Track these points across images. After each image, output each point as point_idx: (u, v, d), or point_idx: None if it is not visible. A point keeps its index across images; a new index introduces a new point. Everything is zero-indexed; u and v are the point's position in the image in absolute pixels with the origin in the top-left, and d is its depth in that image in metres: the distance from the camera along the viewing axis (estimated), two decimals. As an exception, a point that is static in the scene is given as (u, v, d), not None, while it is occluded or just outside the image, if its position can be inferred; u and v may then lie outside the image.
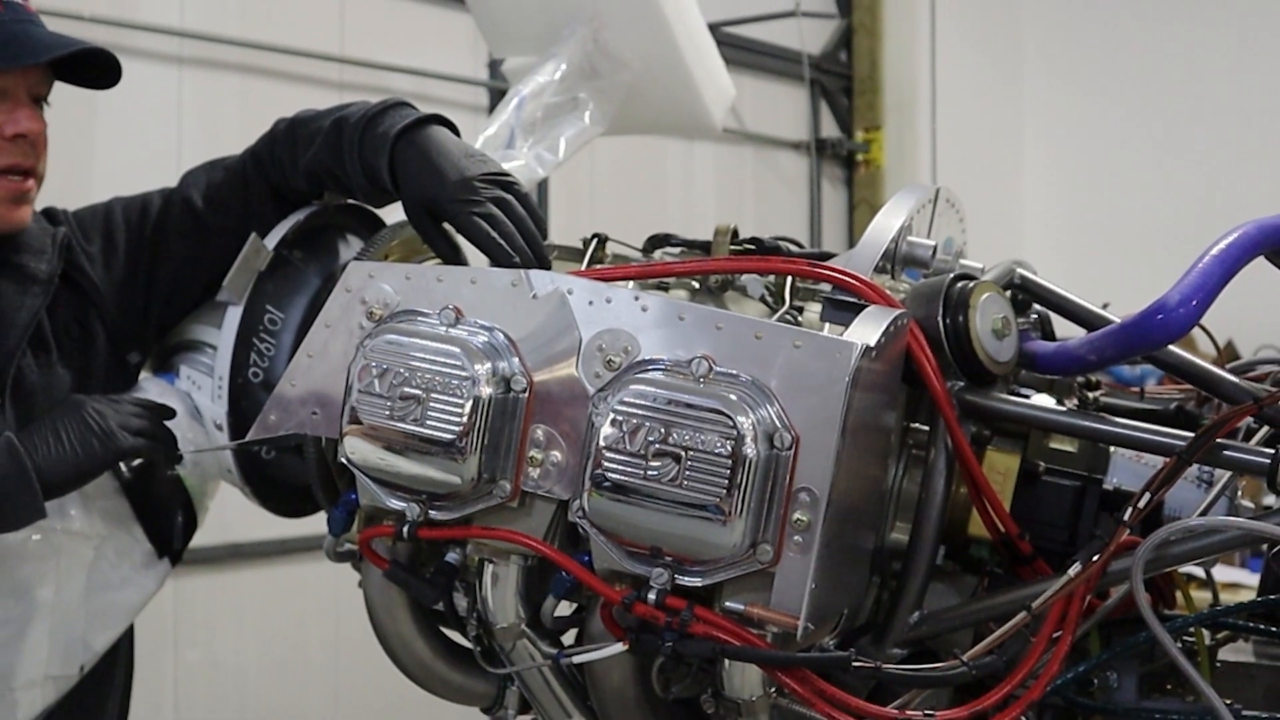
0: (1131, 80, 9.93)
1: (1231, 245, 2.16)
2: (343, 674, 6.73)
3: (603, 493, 2.02)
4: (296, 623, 6.62)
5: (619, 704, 2.25)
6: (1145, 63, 9.84)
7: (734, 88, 4.09)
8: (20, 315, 2.71)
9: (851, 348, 1.97)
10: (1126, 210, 9.76)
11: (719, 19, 8.03)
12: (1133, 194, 9.78)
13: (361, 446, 2.20)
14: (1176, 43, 9.70)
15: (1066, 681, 2.23)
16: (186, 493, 2.86)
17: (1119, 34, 10.02)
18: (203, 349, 2.89)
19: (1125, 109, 9.96)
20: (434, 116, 2.67)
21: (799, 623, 1.94)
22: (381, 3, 7.05)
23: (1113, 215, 9.85)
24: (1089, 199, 10.11)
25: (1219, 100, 9.46)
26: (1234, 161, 9.22)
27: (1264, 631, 2.46)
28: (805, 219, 9.68)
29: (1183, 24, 9.68)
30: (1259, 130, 9.21)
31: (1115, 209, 9.86)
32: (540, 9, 3.76)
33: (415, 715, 6.60)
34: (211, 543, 6.09)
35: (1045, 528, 2.34)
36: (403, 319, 2.23)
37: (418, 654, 2.44)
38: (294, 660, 6.65)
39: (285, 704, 6.65)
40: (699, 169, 8.95)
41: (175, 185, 2.96)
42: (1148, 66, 9.83)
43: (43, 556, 2.61)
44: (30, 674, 2.59)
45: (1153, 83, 9.81)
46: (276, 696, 6.61)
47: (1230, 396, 2.29)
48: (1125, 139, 9.93)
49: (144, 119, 6.12)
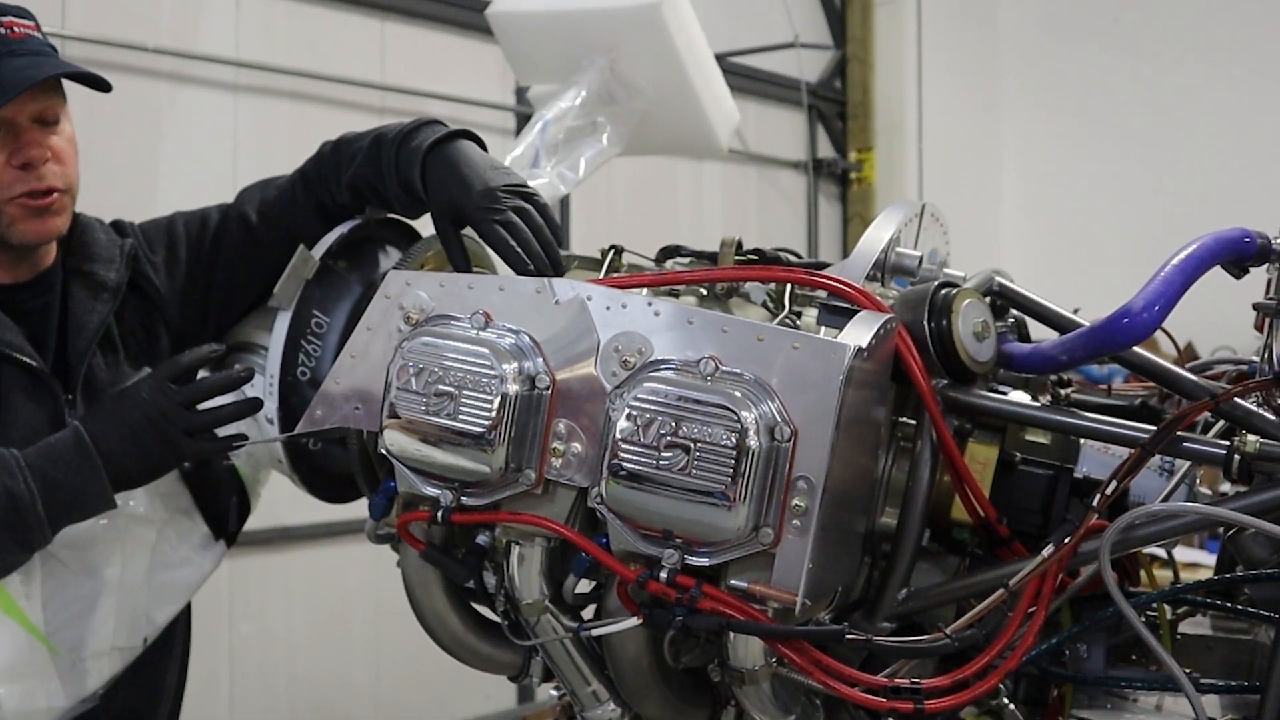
0: (1100, 106, 9.92)
1: (1190, 256, 2.16)
2: (383, 645, 6.74)
3: (619, 481, 2.02)
4: (340, 599, 6.62)
5: (634, 673, 2.24)
6: (1112, 91, 9.83)
7: (738, 112, 4.08)
8: (91, 319, 2.71)
9: (845, 349, 1.97)
10: (1095, 223, 9.75)
11: (725, 50, 8.02)
12: (1101, 209, 9.77)
13: (399, 439, 2.20)
14: (1140, 73, 9.69)
15: (1040, 652, 2.23)
16: (241, 481, 2.86)
17: (1089, 65, 10.01)
18: (255, 350, 2.89)
19: (1094, 132, 9.94)
20: (463, 132, 2.67)
21: (797, 599, 1.94)
22: (418, 35, 7.06)
23: (1083, 228, 9.84)
24: (1061, 213, 10.09)
25: (1178, 125, 9.45)
26: (1192, 180, 9.22)
27: (1220, 607, 2.46)
28: (803, 232, 9.67)
29: (1145, 57, 9.67)
30: (1215, 151, 9.20)
31: (1085, 222, 9.85)
32: (562, 41, 3.76)
33: (449, 683, 6.66)
34: (263, 526, 6.11)
35: (1021, 512, 2.33)
36: (437, 323, 2.23)
37: (451, 627, 2.43)
38: (338, 633, 6.66)
39: (330, 672, 6.66)
40: (706, 186, 8.94)
41: (232, 201, 2.96)
42: (1114, 94, 9.82)
43: (110, 539, 2.61)
44: (99, 645, 2.59)
45: (1119, 109, 9.79)
46: (322, 665, 6.62)
47: (1190, 393, 2.28)
48: (1094, 159, 9.92)
49: (203, 140, 6.14)
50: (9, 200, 2.57)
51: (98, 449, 2.48)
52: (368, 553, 2.87)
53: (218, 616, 6.15)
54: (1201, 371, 2.56)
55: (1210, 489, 2.55)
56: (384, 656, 6.77)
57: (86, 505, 2.50)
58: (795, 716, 2.25)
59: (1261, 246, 2.20)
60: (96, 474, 2.47)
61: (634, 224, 8.11)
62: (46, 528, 2.43)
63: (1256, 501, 2.08)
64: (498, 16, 3.96)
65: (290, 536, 6.38)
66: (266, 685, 6.40)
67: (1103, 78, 9.91)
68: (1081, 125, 10.03)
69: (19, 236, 2.61)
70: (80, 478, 2.46)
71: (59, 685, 2.54)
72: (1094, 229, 9.71)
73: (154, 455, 2.54)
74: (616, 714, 2.37)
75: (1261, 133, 9.01)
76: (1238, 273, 2.26)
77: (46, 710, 2.53)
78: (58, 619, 2.54)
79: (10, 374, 2.57)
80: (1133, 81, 9.73)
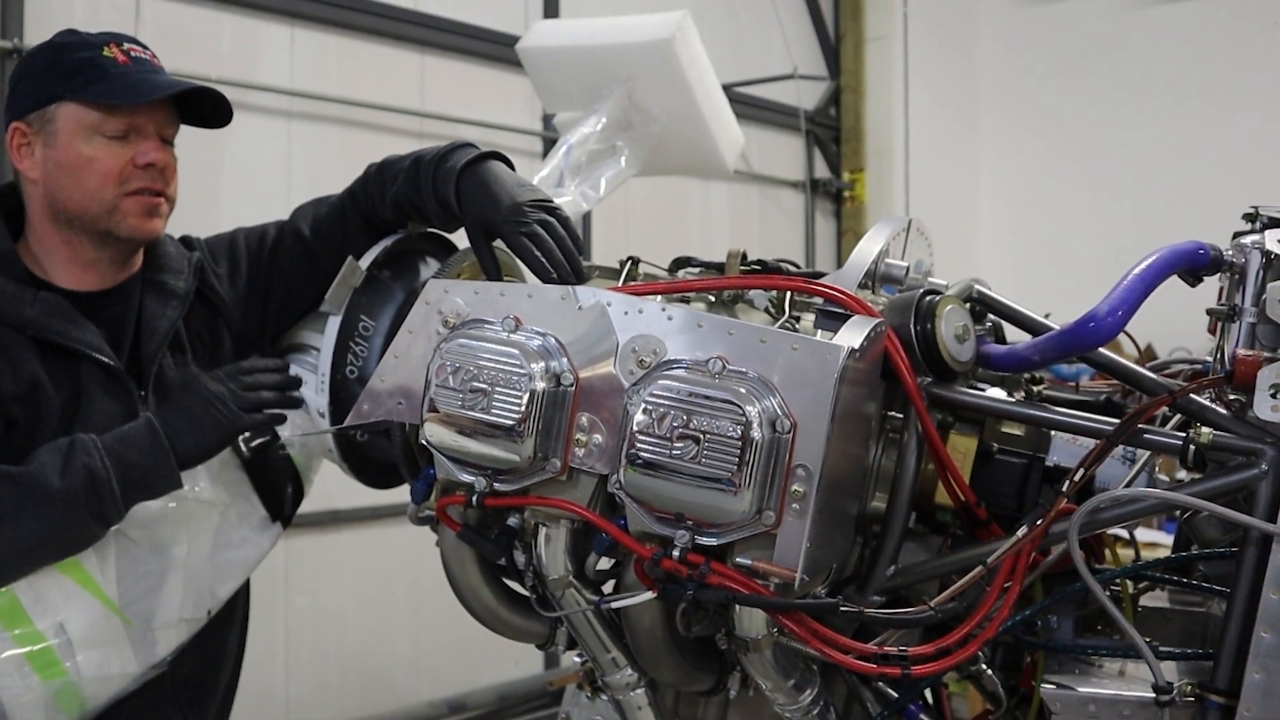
0: (1067, 132, 9.89)
1: (1150, 266, 2.16)
2: (423, 617, 6.73)
3: (636, 468, 2.02)
4: (385, 575, 6.62)
5: (649, 641, 2.25)
6: (1078, 118, 9.81)
7: (743, 137, 4.08)
8: (162, 324, 2.72)
9: (839, 350, 1.97)
10: (1063, 237, 9.72)
11: (731, 80, 8.00)
12: (1068, 223, 9.75)
13: (438, 430, 2.21)
14: (1104, 102, 9.67)
15: (1015, 623, 2.23)
16: (295, 468, 2.86)
17: (1057, 96, 9.99)
18: (308, 351, 2.90)
19: (1062, 155, 9.92)
20: (493, 153, 2.68)
21: (796, 575, 1.94)
22: (455, 67, 7.05)
23: (1052, 241, 9.81)
24: (1033, 228, 10.07)
25: (1137, 148, 9.42)
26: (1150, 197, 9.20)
27: (1177, 582, 2.46)
28: (801, 245, 9.64)
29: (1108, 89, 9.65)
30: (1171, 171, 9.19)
31: (1054, 236, 9.82)
32: (584, 73, 3.76)
33: (482, 650, 6.65)
34: (316, 509, 6.11)
35: (998, 497, 2.33)
36: (472, 326, 2.23)
37: (484, 600, 2.44)
38: (383, 605, 6.65)
39: (376, 641, 6.66)
40: (714, 204, 8.92)
41: (287, 218, 2.97)
42: (1080, 121, 9.80)
43: (177, 520, 2.62)
44: (167, 616, 2.60)
45: (1084, 134, 9.77)
46: (368, 635, 6.62)
47: (1150, 390, 2.29)
48: (1062, 179, 9.89)
49: (260, 162, 6.14)
50: (127, 194, 2.61)
51: (166, 435, 2.51)
52: (409, 533, 2.86)
53: (274, 591, 6.15)
54: (1160, 370, 2.56)
55: (1168, 476, 2.54)
56: (424, 627, 6.76)
57: (156, 484, 2.51)
58: (794, 681, 2.26)
59: (1214, 258, 2.21)
60: (165, 456, 2.49)
61: (649, 237, 8.09)
62: (120, 504, 2.45)
63: (1209, 487, 2.08)
64: (527, 51, 3.97)
65: (340, 519, 6.37)
66: (318, 653, 6.40)
67: (1069, 107, 9.91)
68: (1051, 149, 10.02)
69: (128, 230, 2.63)
70: (151, 459, 2.48)
71: (131, 653, 2.55)
72: (1063, 242, 9.69)
73: (212, 433, 2.56)
74: (634, 678, 2.38)
75: (1213, 155, 8.99)
76: (1193, 281, 2.27)
77: (120, 675, 2.53)
78: (130, 593, 2.55)
79: (91, 371, 2.58)
80: (1096, 110, 9.72)
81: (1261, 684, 1.96)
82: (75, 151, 2.58)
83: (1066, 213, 9.84)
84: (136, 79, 2.60)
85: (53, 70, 2.60)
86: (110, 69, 2.58)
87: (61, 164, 2.59)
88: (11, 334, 2.53)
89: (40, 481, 2.39)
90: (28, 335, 2.55)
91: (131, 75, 2.60)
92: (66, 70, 2.58)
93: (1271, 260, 2.14)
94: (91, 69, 2.58)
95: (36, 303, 2.57)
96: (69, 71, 2.58)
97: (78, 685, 2.46)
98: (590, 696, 2.74)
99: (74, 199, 2.60)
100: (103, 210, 2.60)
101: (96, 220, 2.61)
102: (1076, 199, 9.79)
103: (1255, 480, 2.05)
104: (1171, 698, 2.06)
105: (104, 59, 2.59)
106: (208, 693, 2.84)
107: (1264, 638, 1.96)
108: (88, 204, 2.59)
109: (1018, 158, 10.30)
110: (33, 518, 2.38)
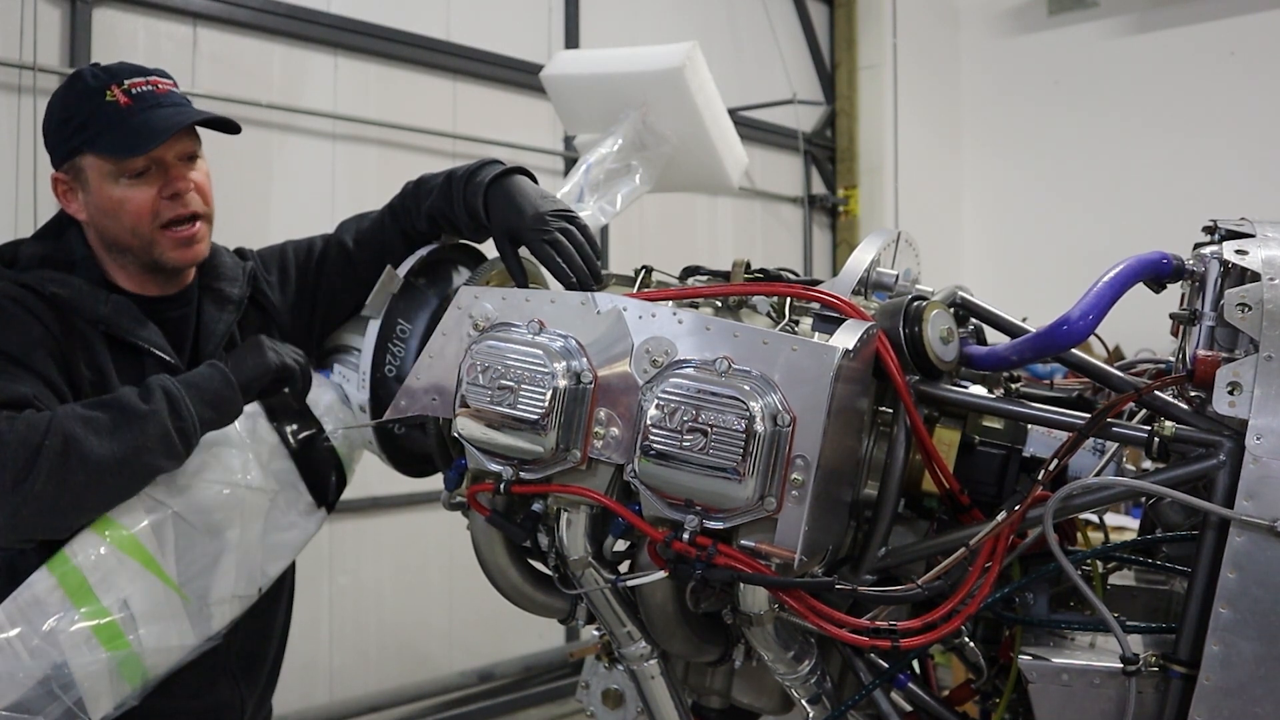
0: (1043, 151, 9.89)
1: (1118, 274, 2.16)
2: (455, 594, 6.75)
3: (649, 459, 2.03)
4: (420, 556, 6.63)
5: (661, 616, 2.24)
6: (1053, 139, 9.81)
7: (747, 157, 4.08)
8: (219, 327, 2.73)
9: (835, 350, 1.97)
10: (1039, 247, 9.71)
11: (735, 105, 8.01)
12: (1043, 235, 9.74)
13: (469, 424, 2.21)
14: (1076, 125, 9.67)
15: (995, 600, 2.23)
16: (339, 459, 2.86)
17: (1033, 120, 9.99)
18: (350, 352, 2.90)
19: (1037, 173, 9.92)
20: (518, 168, 2.70)
21: (796, 556, 1.94)
22: (484, 93, 7.06)
23: (1029, 250, 9.81)
24: (1011, 239, 10.06)
25: (1107, 165, 9.43)
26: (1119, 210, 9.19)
27: (1143, 563, 2.46)
28: (800, 255, 9.64)
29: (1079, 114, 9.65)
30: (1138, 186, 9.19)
31: (1030, 246, 9.82)
32: (602, 98, 3.76)
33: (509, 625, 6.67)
34: (357, 496, 6.14)
35: (979, 485, 2.32)
36: (500, 329, 2.24)
37: (511, 579, 2.43)
38: (418, 584, 6.67)
39: (412, 616, 6.67)
40: (720, 218, 8.92)
41: (332, 231, 2.98)
42: (1055, 141, 9.79)
43: (231, 506, 2.61)
44: (221, 593, 2.60)
45: (1059, 153, 9.77)
46: (405, 611, 6.63)
47: (1118, 387, 2.29)
48: (1037, 195, 9.89)
49: (307, 180, 6.16)
50: (160, 228, 2.60)
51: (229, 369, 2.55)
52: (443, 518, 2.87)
53: (319, 570, 6.17)
54: (1127, 370, 2.56)
55: (1135, 465, 2.53)
56: (456, 603, 6.77)
57: (223, 406, 2.52)
58: (794, 652, 2.25)
59: (1177, 267, 2.21)
60: (229, 383, 2.52)
61: (661, 248, 8.11)
62: (196, 421, 2.46)
63: (1172, 476, 2.08)
64: (549, 78, 3.97)
65: (380, 505, 6.39)
66: (359, 627, 6.42)
67: (1044, 129, 9.91)
68: (1027, 168, 10.03)
69: (171, 262, 2.64)
70: (216, 384, 2.51)
71: (189, 626, 2.55)
72: (1038, 252, 9.69)
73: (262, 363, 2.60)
74: (647, 650, 2.37)
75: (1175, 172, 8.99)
76: (1157, 288, 2.27)
77: (179, 647, 2.53)
78: (188, 572, 2.55)
79: (153, 368, 2.59)
80: (1069, 132, 9.72)
81: (1220, 655, 1.96)
82: (107, 195, 2.57)
83: (1041, 225, 9.85)
84: (138, 124, 2.55)
85: (67, 125, 2.59)
86: (114, 117, 2.54)
87: (100, 207, 2.59)
88: (88, 328, 2.56)
89: (129, 404, 2.40)
90: (100, 331, 2.57)
91: (134, 120, 2.55)
92: (79, 124, 2.56)
93: (1229, 269, 2.14)
94: (98, 120, 2.55)
95: (109, 303, 2.59)
96: (81, 124, 2.56)
97: (140, 656, 2.47)
98: (608, 666, 2.75)
99: (120, 236, 2.60)
100: (144, 245, 2.61)
101: (140, 254, 2.62)
102: (1051, 213, 9.79)
103: (1214, 469, 2.05)
104: (1138, 668, 2.06)
105: (107, 106, 2.55)
106: (258, 663, 2.85)
107: (1222, 613, 1.96)
108: (130, 240, 2.60)
109: (997, 175, 10.31)
110: (128, 432, 2.38)
